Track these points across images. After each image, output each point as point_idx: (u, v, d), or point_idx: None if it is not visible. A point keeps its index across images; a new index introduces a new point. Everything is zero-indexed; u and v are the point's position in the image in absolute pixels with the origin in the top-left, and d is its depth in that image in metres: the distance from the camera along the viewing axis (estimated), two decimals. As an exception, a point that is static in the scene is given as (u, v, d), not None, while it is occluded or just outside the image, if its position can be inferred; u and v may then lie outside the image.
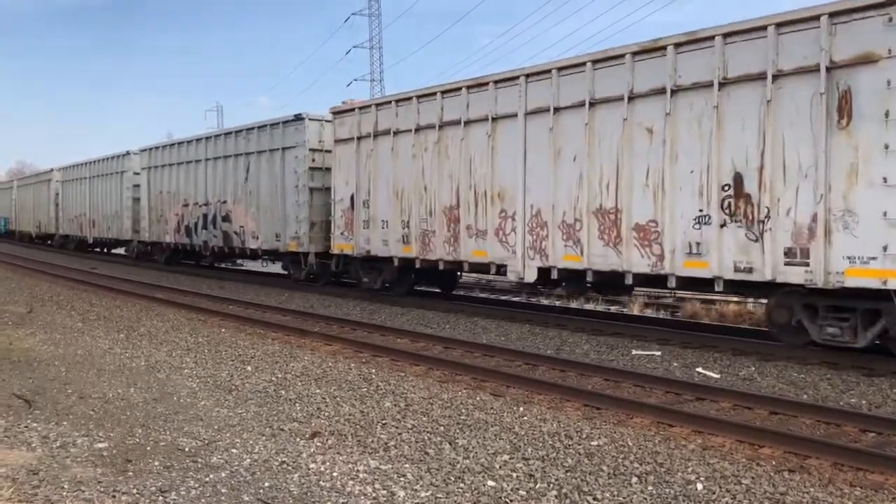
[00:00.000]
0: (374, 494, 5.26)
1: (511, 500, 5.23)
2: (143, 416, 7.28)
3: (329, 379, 9.18)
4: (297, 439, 6.65)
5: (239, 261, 28.40)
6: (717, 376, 9.25)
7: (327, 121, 19.07)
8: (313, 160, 19.35)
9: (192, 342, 11.77)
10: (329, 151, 18.92)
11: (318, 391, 8.51)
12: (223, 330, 13.09)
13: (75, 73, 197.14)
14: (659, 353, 10.60)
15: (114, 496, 4.98)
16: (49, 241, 42.96)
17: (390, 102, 16.61)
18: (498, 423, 7.18)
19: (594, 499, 5.28)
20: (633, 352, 10.73)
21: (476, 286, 21.40)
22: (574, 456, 6.23)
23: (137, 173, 29.57)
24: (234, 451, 6.21)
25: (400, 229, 16.15)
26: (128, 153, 30.49)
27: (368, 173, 17.04)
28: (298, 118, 19.67)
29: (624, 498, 5.30)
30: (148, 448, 6.25)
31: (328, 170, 18.97)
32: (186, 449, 6.24)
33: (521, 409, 7.77)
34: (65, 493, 5.01)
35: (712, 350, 10.74)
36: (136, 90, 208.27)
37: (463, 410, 7.66)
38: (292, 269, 20.66)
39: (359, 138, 17.26)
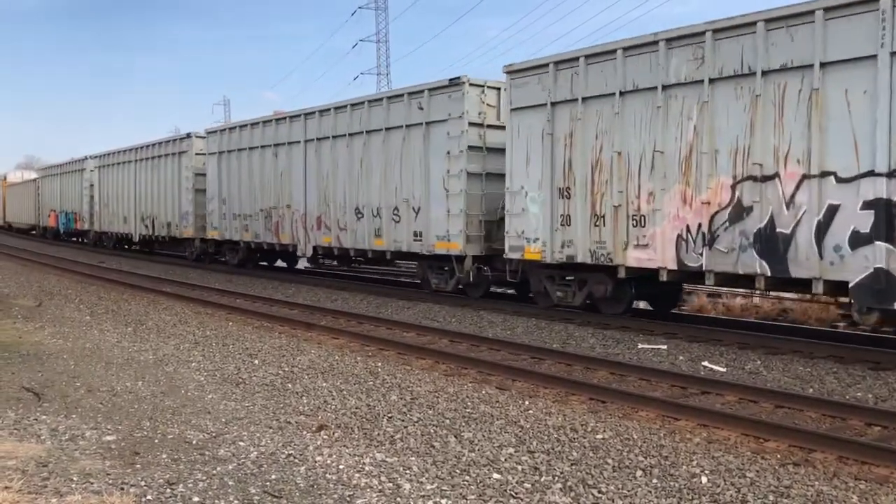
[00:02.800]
0: (379, 487, 5.29)
1: (516, 493, 5.25)
2: (150, 409, 7.34)
3: (335, 372, 9.22)
4: (304, 432, 6.69)
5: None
6: (724, 370, 9.26)
7: None
8: None
9: (200, 336, 11.83)
10: None
11: (324, 384, 8.55)
12: (230, 323, 13.15)
13: (81, 68, 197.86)
14: (665, 346, 10.60)
15: (122, 488, 5.02)
16: (186, 251, 26.78)
17: None
18: (503, 417, 7.21)
19: (599, 492, 5.30)
20: (639, 345, 10.73)
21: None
22: (579, 449, 6.25)
23: (477, 124, 14.99)
24: (241, 443, 6.25)
25: None
26: (458, 80, 15.11)
27: None
28: None
29: (628, 491, 5.32)
30: (156, 441, 6.30)
31: None
32: (194, 442, 6.29)
33: (527, 402, 7.79)
34: (74, 486, 5.06)
35: (718, 344, 10.74)
36: (141, 84, 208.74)
37: (468, 404, 7.69)
38: None
39: None
